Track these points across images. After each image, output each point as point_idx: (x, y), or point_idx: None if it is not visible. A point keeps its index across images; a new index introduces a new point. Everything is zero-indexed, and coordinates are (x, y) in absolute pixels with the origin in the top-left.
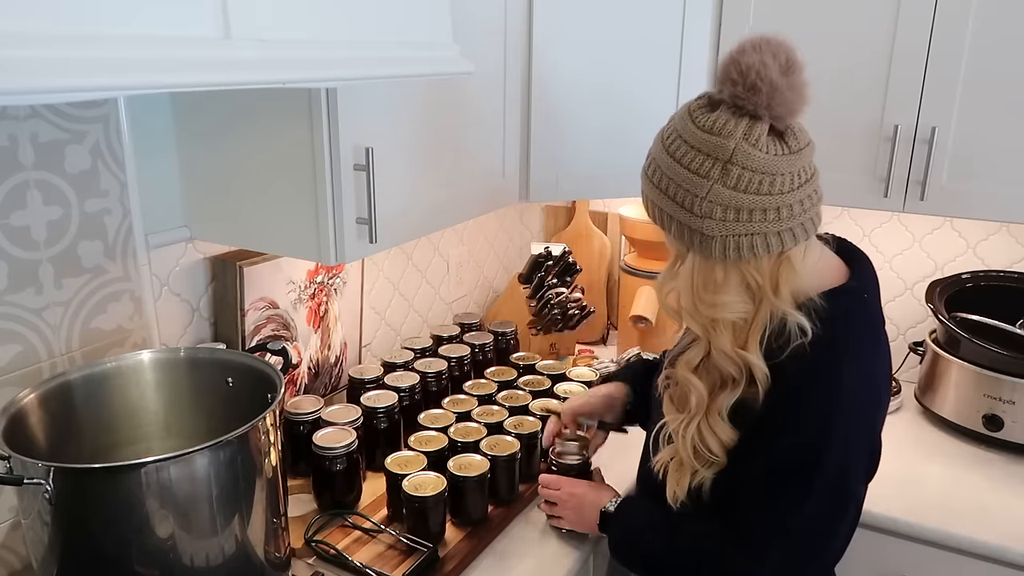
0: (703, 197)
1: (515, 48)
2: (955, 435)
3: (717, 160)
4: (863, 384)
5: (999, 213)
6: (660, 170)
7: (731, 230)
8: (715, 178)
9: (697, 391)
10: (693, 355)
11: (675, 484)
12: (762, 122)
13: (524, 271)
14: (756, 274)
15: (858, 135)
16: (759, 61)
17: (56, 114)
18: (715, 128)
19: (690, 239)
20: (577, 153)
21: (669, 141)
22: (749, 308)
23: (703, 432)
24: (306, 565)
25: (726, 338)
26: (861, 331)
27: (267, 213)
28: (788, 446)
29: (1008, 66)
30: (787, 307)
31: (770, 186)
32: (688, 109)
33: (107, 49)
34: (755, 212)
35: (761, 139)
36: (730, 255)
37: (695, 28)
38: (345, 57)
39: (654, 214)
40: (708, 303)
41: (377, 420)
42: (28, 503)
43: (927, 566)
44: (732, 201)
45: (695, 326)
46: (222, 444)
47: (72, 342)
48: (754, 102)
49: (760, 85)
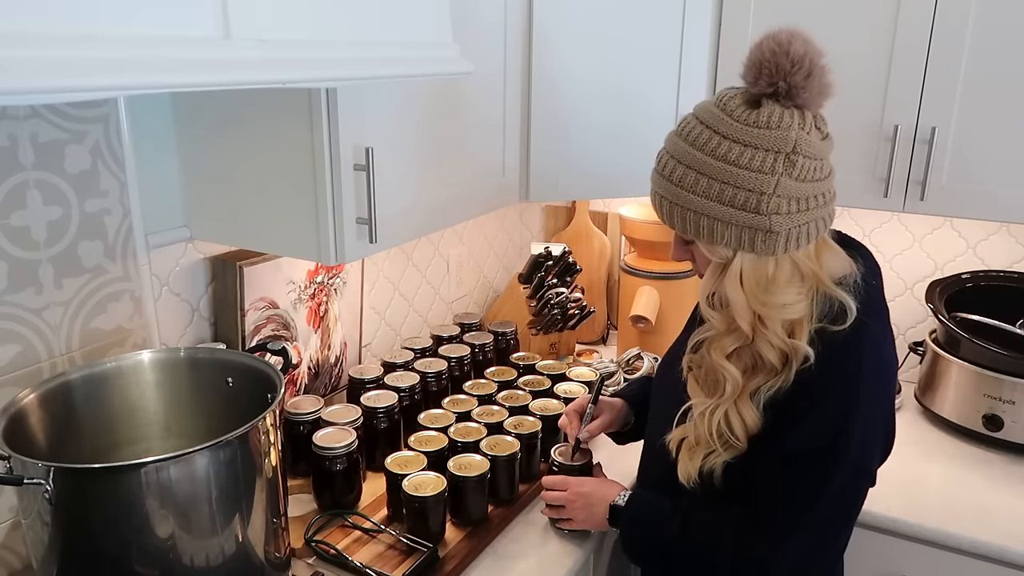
0: (771, 193)
1: (515, 48)
2: (955, 435)
3: (780, 153)
4: (881, 364)
5: (999, 213)
6: (705, 177)
7: (795, 221)
8: (781, 171)
9: (732, 377)
10: (728, 342)
11: (687, 463)
12: (808, 109)
13: (524, 271)
14: (807, 260)
15: (858, 135)
16: (806, 46)
17: (56, 114)
18: (772, 122)
19: (751, 240)
20: (577, 153)
21: (711, 144)
22: (804, 301)
23: (730, 416)
24: (306, 565)
25: (778, 331)
26: (875, 313)
27: (267, 213)
28: (812, 430)
29: (1008, 66)
30: (834, 287)
31: (820, 171)
32: (720, 107)
33: (107, 49)
34: (809, 199)
35: (812, 125)
36: (790, 246)
37: (695, 28)
38: (345, 57)
39: (696, 227)
40: (762, 302)
41: (377, 420)
42: (28, 503)
43: (927, 566)
44: (797, 192)
45: (744, 324)
46: (222, 444)
47: (72, 342)
48: (808, 90)
49: (815, 72)
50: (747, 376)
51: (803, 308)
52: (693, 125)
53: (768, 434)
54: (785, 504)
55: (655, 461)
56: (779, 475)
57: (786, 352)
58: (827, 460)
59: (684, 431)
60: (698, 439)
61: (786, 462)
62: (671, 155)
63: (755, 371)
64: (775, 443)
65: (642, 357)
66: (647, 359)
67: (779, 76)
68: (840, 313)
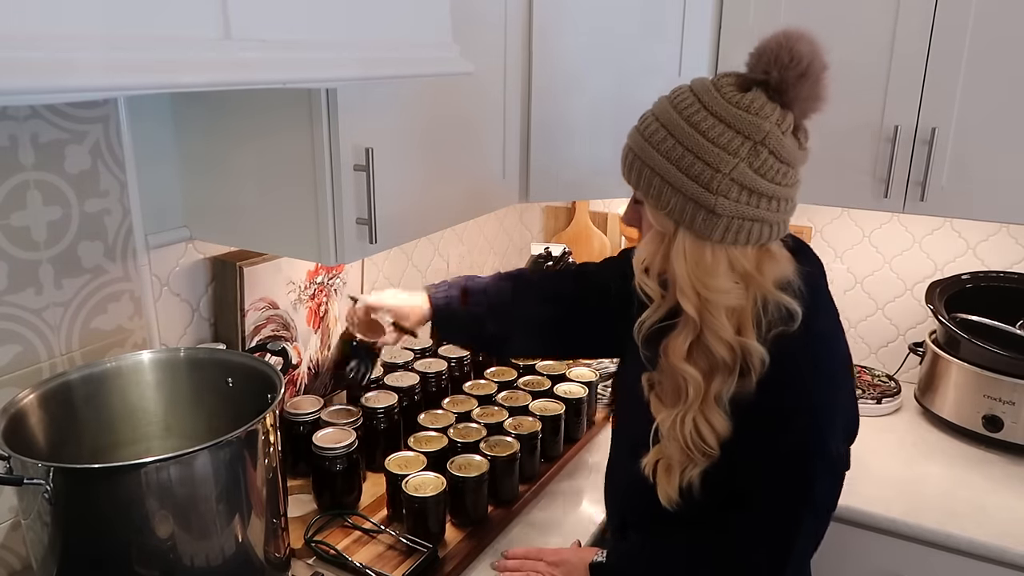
0: (725, 173)
1: (515, 48)
2: (955, 436)
3: (748, 139)
4: (841, 357)
5: (999, 214)
6: (673, 138)
7: (740, 212)
8: (743, 156)
9: (694, 379)
10: (680, 342)
11: (666, 485)
12: (791, 112)
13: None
14: (743, 260)
15: (858, 136)
16: (811, 52)
17: (56, 114)
18: (752, 107)
19: (692, 215)
20: (577, 153)
21: (691, 111)
22: (743, 293)
23: (698, 424)
24: (306, 565)
25: (723, 323)
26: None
27: (267, 213)
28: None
29: (1008, 66)
30: (774, 291)
31: (783, 176)
32: (713, 83)
33: (107, 49)
34: (763, 198)
35: (788, 129)
36: (729, 237)
37: (695, 28)
38: (345, 57)
39: (648, 183)
40: (704, 285)
41: (377, 420)
42: (28, 503)
43: (927, 566)
44: (751, 183)
45: (689, 307)
46: (222, 444)
47: (72, 342)
48: (797, 90)
49: (810, 75)
50: (707, 378)
51: (742, 297)
52: (684, 91)
53: (740, 440)
54: (773, 506)
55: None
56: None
57: (735, 348)
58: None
59: (658, 452)
60: (672, 457)
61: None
62: (653, 114)
63: (713, 372)
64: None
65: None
66: None
67: (774, 66)
68: (788, 317)
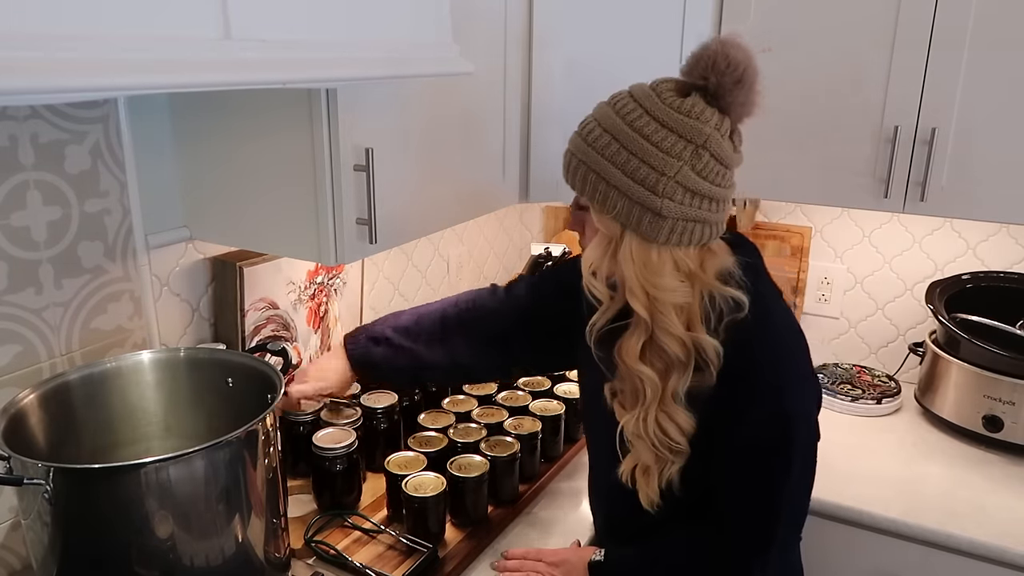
0: (671, 176)
1: (515, 48)
2: (955, 436)
3: (690, 143)
4: (794, 331)
5: (999, 214)
6: (617, 143)
7: (685, 214)
8: (686, 159)
9: (650, 379)
10: (633, 343)
11: (646, 488)
12: (728, 117)
13: (524, 272)
14: (687, 259)
15: (858, 136)
16: (745, 59)
17: (56, 114)
18: (693, 112)
19: (639, 218)
20: None
21: (633, 115)
22: (689, 291)
23: (661, 423)
24: (306, 566)
25: (674, 320)
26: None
27: (267, 213)
28: (756, 419)
29: (1008, 66)
30: (716, 284)
31: (722, 178)
32: (653, 88)
33: (107, 49)
34: (704, 200)
35: (727, 132)
36: (673, 239)
37: (695, 28)
38: (345, 57)
39: (592, 188)
40: (653, 284)
41: (377, 420)
42: (28, 503)
43: (927, 566)
44: (694, 185)
45: (639, 306)
46: (222, 444)
47: (72, 342)
48: (733, 96)
49: (745, 81)
50: (663, 377)
51: (688, 295)
52: (624, 97)
53: (711, 434)
54: (754, 495)
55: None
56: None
57: (687, 344)
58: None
59: (633, 458)
60: (646, 461)
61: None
62: (595, 119)
63: (668, 371)
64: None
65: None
66: None
67: (712, 72)
68: (735, 306)
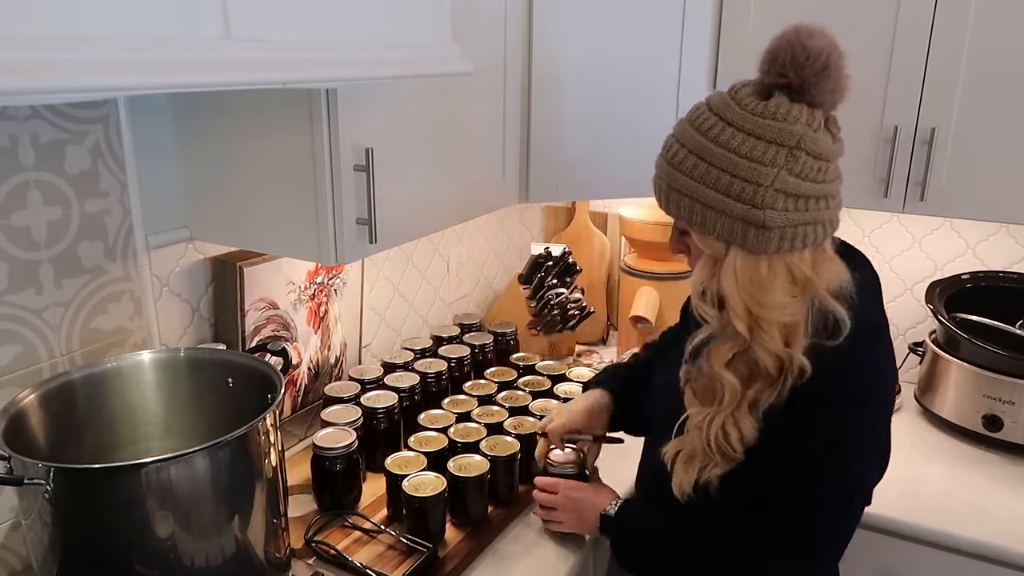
0: (768, 186)
1: (515, 48)
2: (955, 435)
3: (782, 146)
4: (879, 379)
5: (999, 214)
6: (704, 163)
7: (791, 220)
8: (781, 165)
9: (731, 386)
10: (725, 349)
11: (683, 476)
12: (819, 109)
13: (524, 271)
14: (802, 265)
15: (858, 136)
16: (828, 45)
17: (56, 114)
18: (778, 114)
19: (743, 233)
20: (577, 153)
21: (715, 131)
22: (799, 308)
23: (727, 427)
24: (306, 566)
25: (774, 336)
26: (874, 325)
27: (267, 213)
28: (810, 444)
29: (1008, 66)
30: (828, 298)
31: (825, 173)
32: (732, 96)
33: (107, 49)
34: (810, 200)
35: (821, 125)
36: (784, 246)
37: (695, 28)
38: (345, 57)
39: (689, 212)
40: (758, 303)
41: (377, 420)
42: (28, 503)
43: (927, 566)
44: (796, 189)
45: (741, 326)
46: (222, 444)
47: (72, 342)
48: (820, 87)
49: (830, 70)
50: (744, 385)
51: (799, 311)
52: (702, 111)
53: (764, 447)
54: (781, 510)
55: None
56: (774, 485)
57: (782, 360)
58: (820, 473)
59: (681, 443)
60: (694, 451)
61: (780, 475)
62: (676, 139)
63: (752, 380)
64: (770, 456)
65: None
66: None
67: (791, 67)
68: (835, 327)
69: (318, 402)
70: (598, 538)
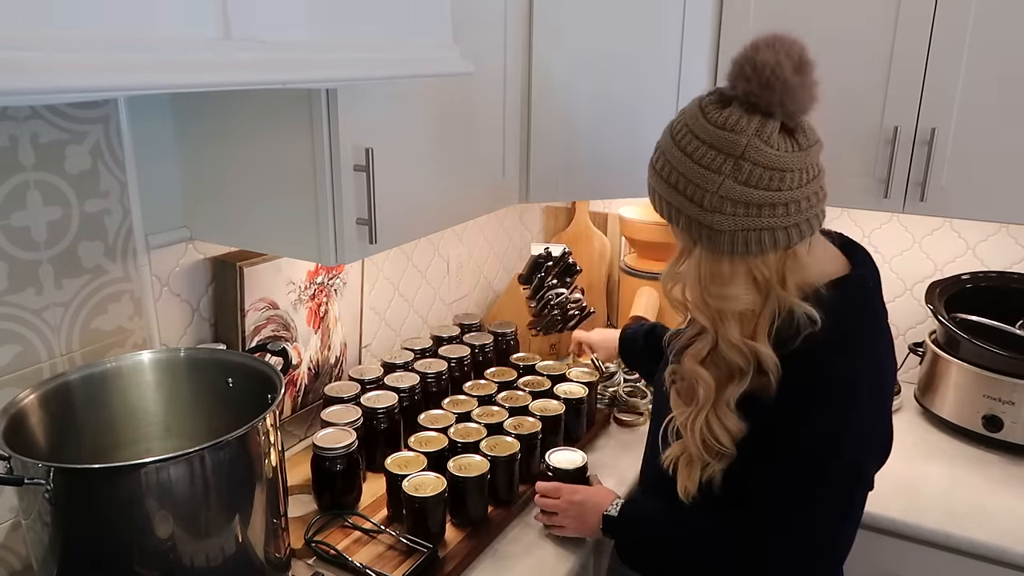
0: (713, 192)
1: (515, 48)
2: (955, 436)
3: (728, 156)
4: (873, 375)
5: (998, 214)
6: (669, 164)
7: (740, 225)
8: (726, 173)
9: (705, 382)
10: (700, 347)
11: (686, 479)
12: (774, 119)
13: (524, 272)
14: (764, 268)
15: (858, 137)
16: (773, 59)
17: (56, 115)
18: (728, 124)
19: (698, 233)
20: (577, 153)
21: (680, 135)
22: (756, 299)
23: (711, 424)
24: (306, 566)
25: (734, 329)
26: (867, 320)
27: (267, 214)
28: (803, 440)
29: (1008, 67)
30: (794, 299)
31: (779, 182)
32: (699, 104)
33: (107, 50)
34: (764, 208)
35: (773, 136)
36: (738, 249)
37: (695, 28)
38: (345, 58)
39: (661, 208)
40: (715, 295)
41: (377, 420)
42: (28, 503)
43: (927, 566)
44: (742, 196)
45: (702, 318)
46: (222, 444)
47: (72, 342)
48: (767, 99)
49: (774, 83)
50: (721, 383)
51: (753, 302)
52: (678, 118)
53: (762, 440)
54: (777, 509)
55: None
56: (771, 482)
57: (746, 353)
58: (818, 465)
59: (680, 447)
60: (692, 454)
61: (779, 466)
62: (658, 145)
63: (729, 378)
64: (769, 448)
65: None
66: None
67: (740, 80)
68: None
69: (318, 402)
70: (599, 539)
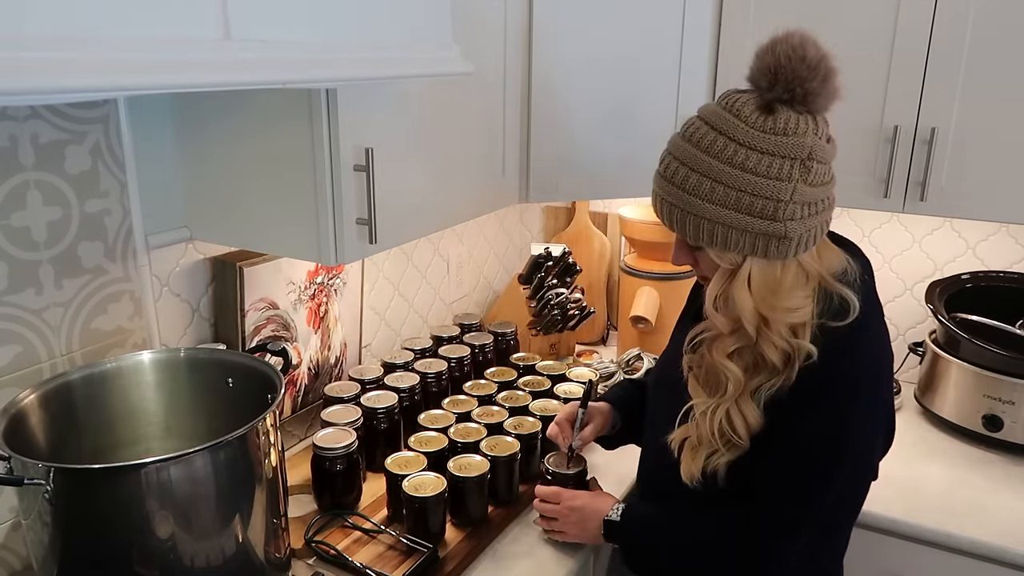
0: (788, 200)
1: (515, 48)
2: (955, 435)
3: (796, 160)
4: (878, 359)
5: (998, 214)
6: (724, 186)
7: (807, 225)
8: (797, 178)
9: (734, 376)
10: (730, 343)
11: (690, 462)
12: (819, 114)
13: (524, 271)
14: (810, 260)
15: (858, 136)
16: (819, 52)
17: (56, 115)
18: (788, 129)
19: (764, 246)
20: (577, 153)
21: (728, 153)
22: (810, 304)
23: (731, 415)
24: (306, 566)
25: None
26: (872, 310)
27: (267, 214)
28: (813, 425)
29: (1008, 66)
30: (831, 280)
31: (829, 175)
32: (736, 115)
33: (107, 50)
34: (820, 203)
35: (823, 131)
36: (800, 249)
37: (695, 28)
38: (345, 58)
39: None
40: (770, 306)
41: (377, 420)
42: (28, 503)
43: (927, 566)
44: (810, 196)
45: (750, 328)
46: (222, 445)
47: (72, 342)
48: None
49: (830, 75)
50: (748, 375)
51: (809, 311)
52: (701, 129)
53: (770, 431)
54: (787, 500)
55: (657, 461)
56: (781, 470)
57: (789, 352)
58: (828, 454)
59: (686, 431)
60: (700, 439)
61: (788, 457)
62: (676, 158)
63: (756, 370)
64: (777, 439)
65: (642, 358)
66: (647, 360)
67: (796, 82)
68: (841, 309)
69: (318, 402)
70: None
